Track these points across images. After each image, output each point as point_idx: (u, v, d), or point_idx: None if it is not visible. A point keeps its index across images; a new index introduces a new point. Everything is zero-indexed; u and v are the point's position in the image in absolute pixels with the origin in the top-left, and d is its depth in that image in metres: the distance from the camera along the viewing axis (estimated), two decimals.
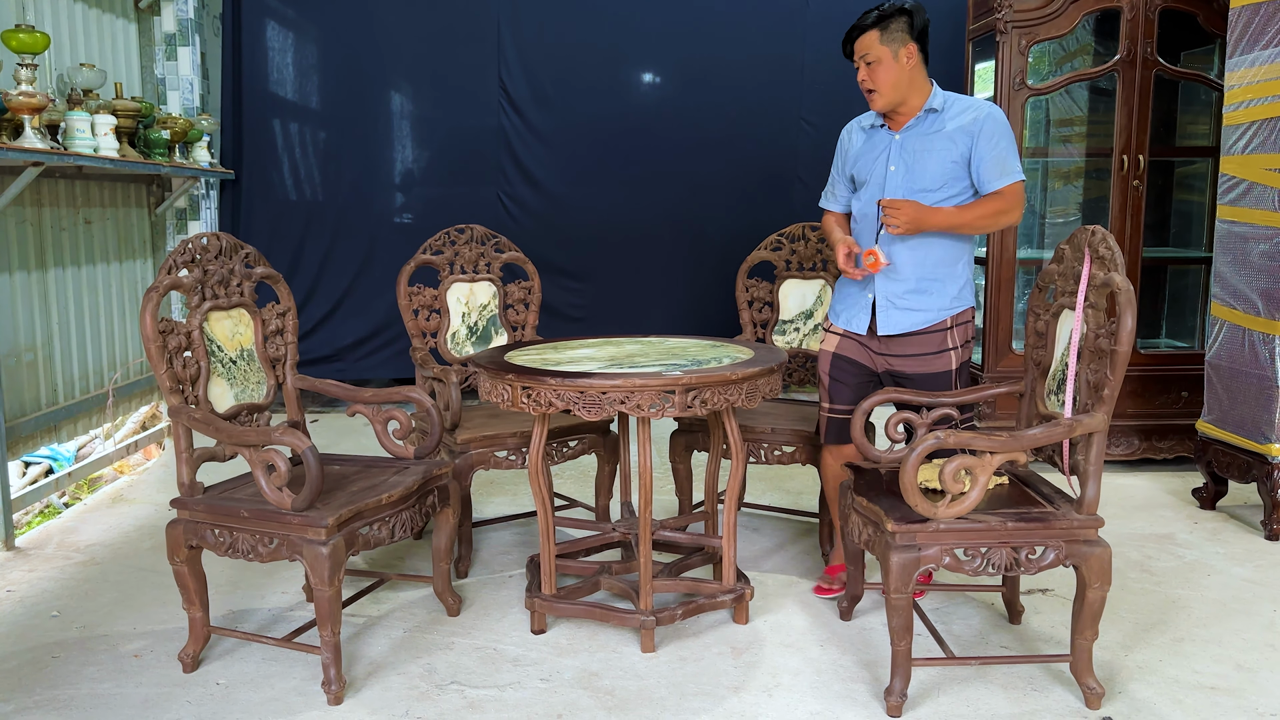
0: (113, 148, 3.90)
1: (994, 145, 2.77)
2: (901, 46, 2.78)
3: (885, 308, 2.86)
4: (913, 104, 2.84)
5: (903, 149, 2.84)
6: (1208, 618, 2.92)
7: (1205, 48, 4.55)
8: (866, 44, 2.79)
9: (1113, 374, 2.27)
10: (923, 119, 2.84)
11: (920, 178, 2.81)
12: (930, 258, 2.83)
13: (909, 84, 2.82)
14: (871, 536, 2.48)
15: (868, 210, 2.91)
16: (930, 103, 2.83)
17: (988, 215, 2.77)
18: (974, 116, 2.80)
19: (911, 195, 2.81)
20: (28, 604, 3.04)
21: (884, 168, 2.87)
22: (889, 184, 2.84)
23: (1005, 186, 2.78)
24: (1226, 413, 3.73)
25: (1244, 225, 3.63)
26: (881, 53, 2.78)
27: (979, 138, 2.78)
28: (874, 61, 2.79)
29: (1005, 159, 2.78)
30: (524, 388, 2.54)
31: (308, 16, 5.53)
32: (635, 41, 5.59)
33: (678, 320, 5.63)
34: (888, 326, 2.86)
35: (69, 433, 4.19)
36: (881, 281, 2.85)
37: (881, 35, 2.77)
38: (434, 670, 2.60)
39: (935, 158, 2.80)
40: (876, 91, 2.81)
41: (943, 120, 2.83)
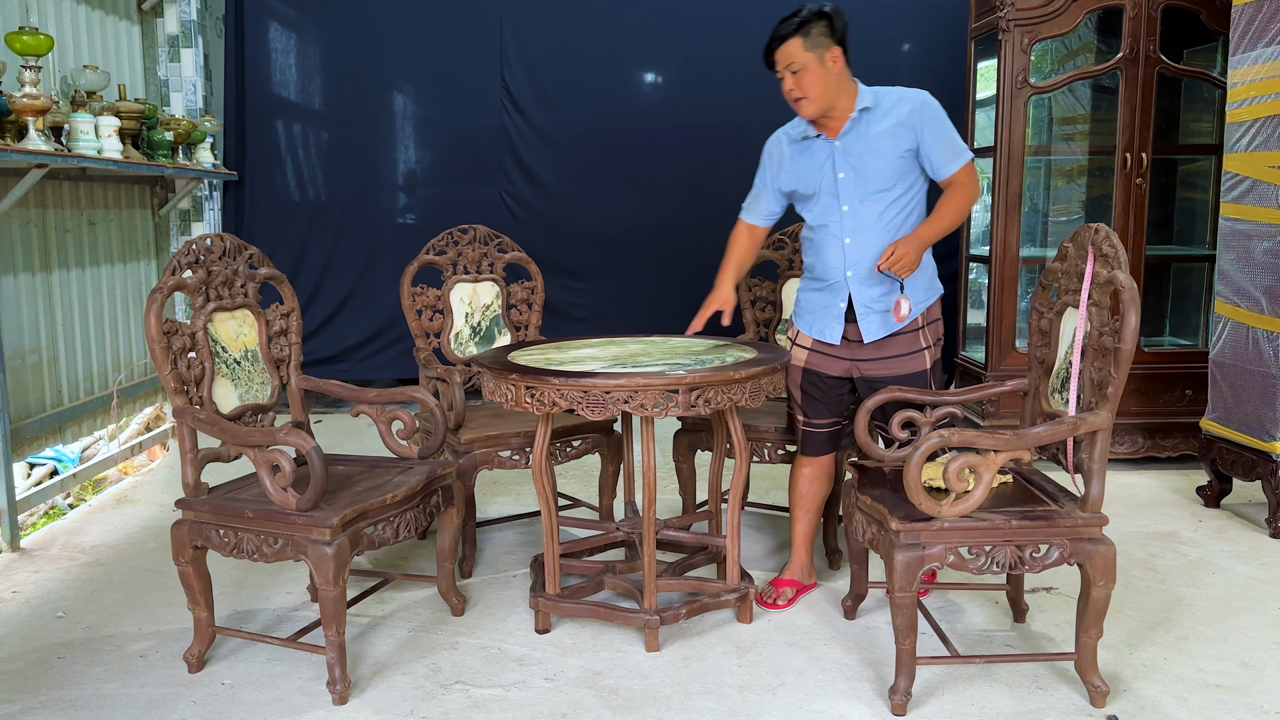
0: (116, 149, 3.91)
1: (939, 131, 2.77)
2: (826, 51, 2.72)
3: (865, 314, 2.84)
4: (843, 107, 2.79)
5: (847, 154, 2.80)
6: (1212, 615, 2.91)
7: (1208, 45, 4.55)
8: (790, 52, 2.72)
9: (1117, 372, 2.27)
10: (859, 120, 2.79)
11: (872, 179, 2.78)
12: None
13: (837, 88, 2.76)
14: (876, 535, 2.48)
15: (824, 221, 2.85)
16: (861, 102, 2.79)
17: (961, 208, 2.77)
18: (910, 108, 2.77)
19: (866, 198, 2.79)
20: (33, 605, 3.04)
21: (832, 176, 2.82)
22: (841, 191, 2.80)
23: (960, 169, 2.78)
24: (1231, 410, 3.72)
25: (1248, 223, 3.63)
26: (807, 59, 2.71)
27: (923, 128, 2.76)
28: (800, 69, 2.71)
29: (953, 141, 2.78)
30: (527, 387, 2.54)
31: (310, 18, 5.54)
32: (638, 40, 5.59)
33: (681, 319, 5.58)
34: (871, 333, 2.84)
35: (74, 434, 4.20)
36: (855, 289, 2.83)
37: (804, 42, 2.70)
38: (439, 670, 2.60)
39: (883, 156, 2.77)
40: (806, 99, 2.74)
41: (878, 117, 2.79)
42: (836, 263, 2.84)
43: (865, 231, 2.80)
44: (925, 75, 5.53)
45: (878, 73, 5.67)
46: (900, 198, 2.80)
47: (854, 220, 2.80)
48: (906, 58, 5.64)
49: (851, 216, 2.81)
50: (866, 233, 2.80)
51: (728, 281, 3.01)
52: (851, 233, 2.81)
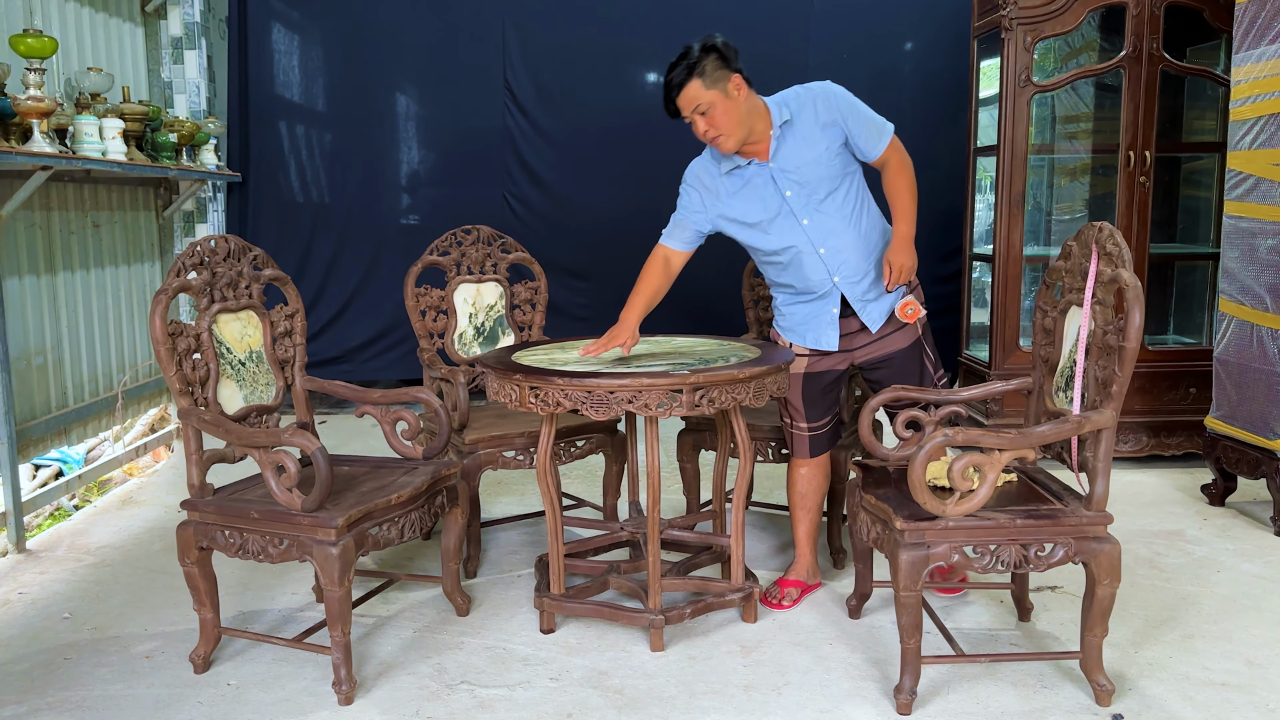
0: (120, 151, 3.92)
1: (858, 116, 2.76)
2: (727, 82, 2.67)
3: (862, 308, 2.84)
4: (761, 129, 2.75)
5: (785, 171, 2.77)
6: (1218, 614, 2.91)
7: (1211, 43, 4.54)
8: (692, 96, 2.66)
9: (1121, 370, 2.27)
10: (783, 136, 2.76)
11: (819, 186, 2.77)
12: (873, 240, 2.85)
13: (749, 113, 2.73)
14: (880, 534, 2.48)
15: (790, 242, 2.81)
16: (780, 117, 2.76)
17: (910, 186, 2.79)
18: (823, 104, 2.76)
19: (820, 205, 2.77)
20: (39, 606, 3.05)
21: (780, 198, 2.78)
22: (795, 208, 2.78)
23: (888, 146, 2.78)
24: (1235, 408, 3.72)
25: (1251, 220, 3.63)
26: (711, 97, 2.66)
27: (845, 119, 2.75)
28: (708, 109, 2.67)
29: (873, 120, 2.78)
30: (531, 388, 2.54)
31: (313, 19, 5.55)
32: (640, 41, 5.59)
33: (684, 319, 5.60)
34: (875, 321, 2.86)
35: (79, 435, 4.21)
36: (846, 288, 2.83)
37: (703, 81, 2.65)
38: (444, 670, 2.61)
39: (820, 162, 2.76)
40: (722, 135, 2.70)
41: (798, 127, 2.76)
42: (820, 275, 2.83)
43: (834, 235, 2.80)
44: (927, 74, 5.54)
45: (880, 72, 5.73)
46: (849, 189, 2.81)
47: (818, 229, 2.80)
48: (908, 56, 5.64)
49: (814, 227, 2.79)
50: (836, 235, 2.80)
51: (634, 317, 2.84)
52: (822, 241, 2.80)
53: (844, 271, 2.82)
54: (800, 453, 2.98)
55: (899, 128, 2.98)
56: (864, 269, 2.83)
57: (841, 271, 2.82)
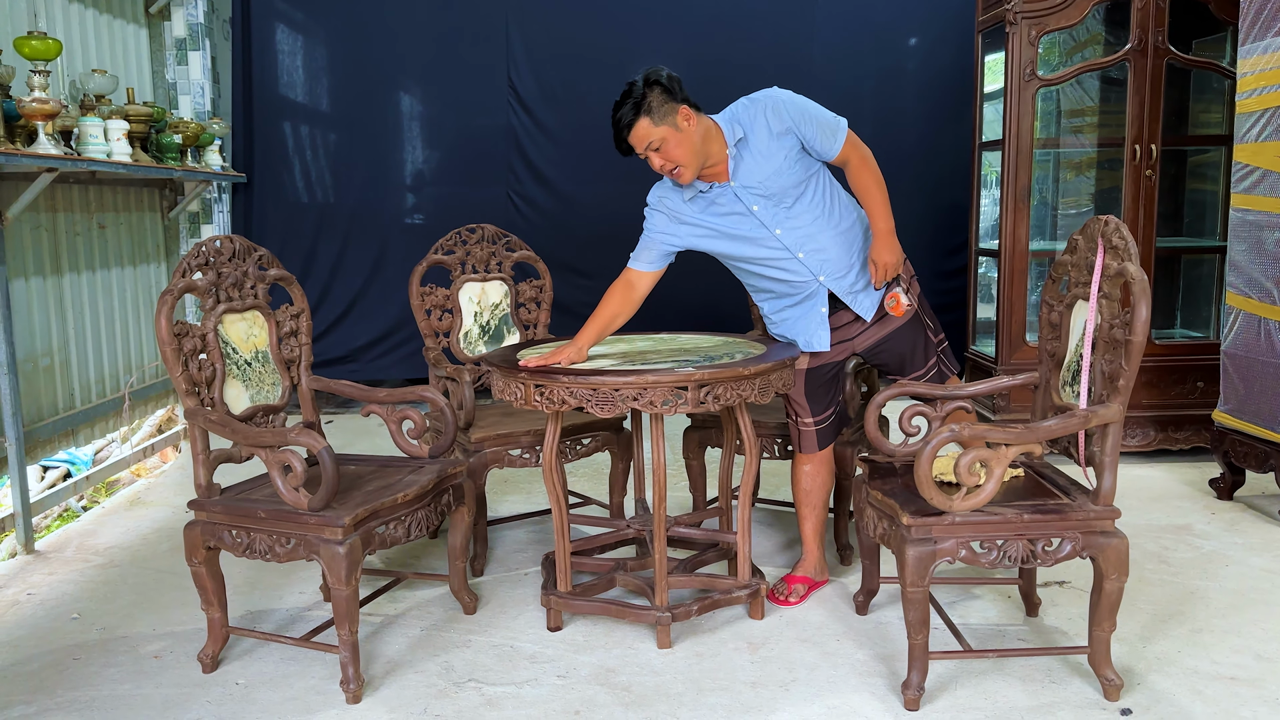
0: (125, 153, 3.93)
1: (810, 119, 2.74)
2: (675, 116, 2.66)
3: (853, 300, 2.85)
4: (717, 152, 2.73)
5: (749, 188, 2.76)
6: (1226, 608, 2.90)
7: (1217, 35, 4.52)
8: (643, 134, 2.66)
9: (1128, 364, 2.26)
10: (740, 155, 2.75)
11: (784, 195, 2.77)
12: (849, 232, 2.85)
13: (704, 140, 2.70)
14: (887, 530, 2.48)
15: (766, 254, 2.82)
16: (733, 136, 2.74)
17: (877, 179, 2.77)
18: (771, 113, 2.74)
19: (791, 217, 2.77)
20: (48, 606, 3.06)
21: (748, 214, 2.78)
22: (765, 220, 2.78)
23: (845, 143, 2.76)
24: (1243, 402, 3.71)
25: (1258, 213, 3.61)
26: (661, 133, 2.65)
27: (798, 125, 2.74)
28: (660, 144, 2.66)
29: (825, 121, 2.75)
30: (537, 386, 2.54)
31: (317, 19, 5.56)
32: (644, 40, 5.59)
33: (689, 317, 5.60)
34: (868, 310, 2.87)
35: (86, 437, 4.22)
36: (833, 284, 2.83)
37: (651, 119, 2.64)
38: (451, 668, 2.61)
39: (781, 172, 2.74)
40: (681, 168, 2.68)
41: (755, 143, 2.75)
42: (804, 276, 2.83)
43: (810, 238, 2.80)
44: (933, 69, 5.52)
45: (884, 68, 5.72)
46: (816, 190, 2.81)
47: (793, 236, 2.79)
48: (913, 52, 5.63)
49: (788, 234, 2.79)
50: (812, 237, 2.80)
51: (586, 341, 2.74)
52: (800, 246, 2.80)
53: (827, 270, 2.82)
54: (808, 448, 2.98)
55: (903, 123, 2.97)
56: (847, 263, 2.84)
57: (825, 270, 2.82)
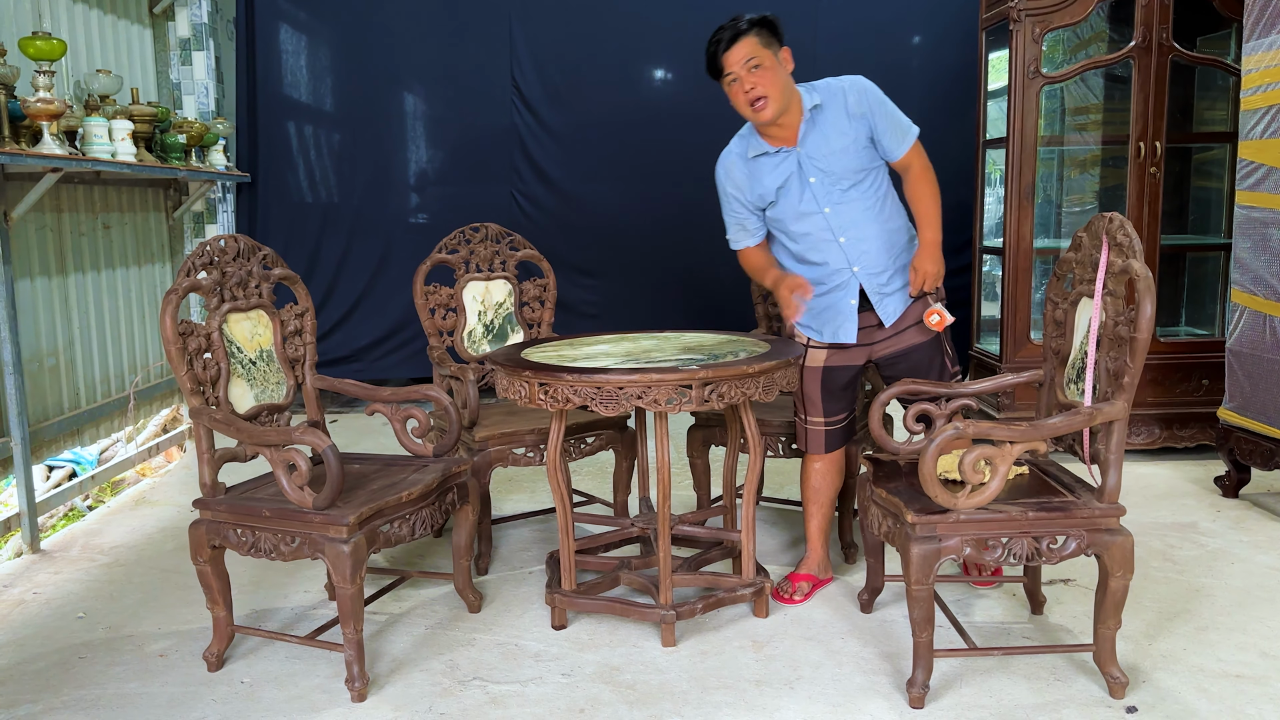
0: (130, 153, 3.93)
1: (886, 114, 2.77)
2: (778, 49, 2.71)
3: (879, 301, 2.84)
4: (795, 110, 2.76)
5: (812, 158, 2.77)
6: (1232, 606, 2.90)
7: (1222, 32, 4.51)
8: (747, 49, 2.68)
9: (1132, 361, 2.26)
10: (812, 121, 2.77)
11: (841, 177, 2.78)
12: (894, 233, 2.85)
13: (790, 89, 2.75)
14: (891, 528, 2.47)
15: (809, 229, 2.83)
16: (810, 101, 2.77)
17: (934, 193, 2.81)
18: (854, 97, 2.77)
19: (843, 194, 2.78)
20: (54, 606, 3.07)
21: (803, 183, 2.79)
22: (818, 195, 2.78)
23: (910, 148, 2.80)
24: (1248, 399, 3.70)
25: (1264, 210, 3.60)
26: (765, 55, 2.68)
27: (873, 115, 2.76)
28: (759, 65, 2.68)
29: (899, 120, 2.80)
30: (541, 384, 2.55)
31: (320, 19, 5.56)
32: (646, 38, 5.59)
33: (693, 315, 5.63)
34: (890, 316, 2.85)
35: (91, 436, 4.23)
36: (866, 279, 2.82)
37: (759, 39, 2.68)
38: (456, 666, 2.61)
39: (847, 153, 2.76)
40: (767, 98, 2.69)
41: (828, 114, 2.76)
42: (839, 263, 2.83)
43: (855, 224, 2.80)
44: (936, 67, 5.52)
45: (888, 66, 5.71)
46: (873, 182, 2.82)
47: (840, 218, 2.80)
48: (917, 50, 5.62)
49: (836, 215, 2.80)
50: (857, 225, 2.80)
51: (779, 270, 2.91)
52: (844, 230, 2.80)
53: (863, 262, 2.82)
54: (814, 448, 2.98)
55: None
56: (884, 263, 2.83)
57: (861, 262, 2.82)
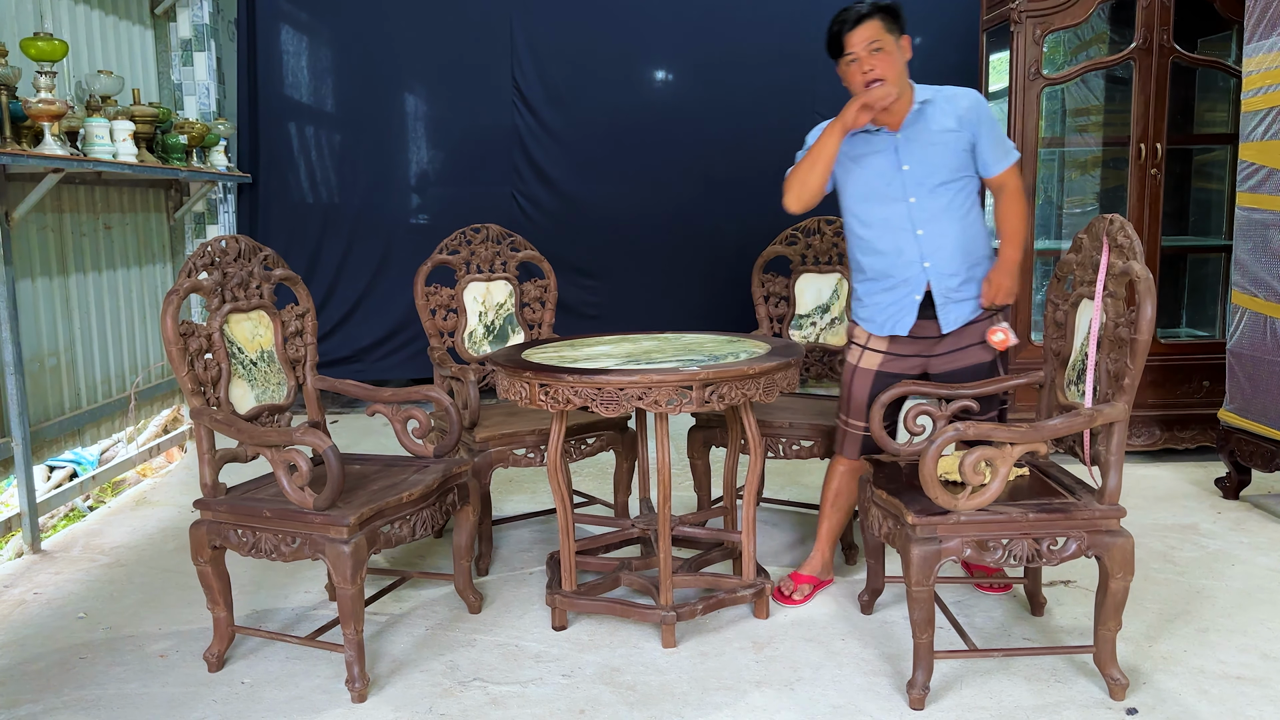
0: (131, 153, 3.94)
1: (991, 129, 2.80)
2: (900, 36, 2.76)
3: (944, 304, 2.81)
4: (905, 99, 2.78)
5: (909, 146, 2.79)
6: (1232, 607, 2.90)
7: (1223, 34, 4.51)
8: (871, 32, 2.70)
9: (1133, 363, 2.26)
10: (919, 113, 2.79)
11: (934, 171, 2.78)
12: (972, 243, 2.84)
13: (905, 77, 2.78)
14: (892, 529, 2.48)
15: (890, 215, 2.81)
16: (921, 95, 2.80)
17: (1023, 213, 2.84)
18: (966, 104, 2.79)
19: (932, 189, 2.78)
20: (55, 606, 3.07)
21: (896, 169, 2.80)
22: (907, 183, 2.79)
23: (1008, 168, 2.82)
24: (1249, 401, 3.70)
25: (1264, 212, 3.60)
26: (887, 40, 2.71)
27: (979, 126, 2.78)
28: (881, 49, 2.70)
29: (1002, 139, 2.83)
30: (541, 385, 2.55)
31: (321, 20, 5.57)
32: (648, 39, 5.60)
33: (694, 316, 5.62)
34: (950, 323, 2.82)
35: (92, 436, 4.23)
36: (935, 278, 2.79)
37: (883, 24, 2.71)
38: (456, 667, 2.61)
39: (947, 150, 2.77)
40: (883, 80, 2.72)
41: (937, 112, 2.79)
42: (911, 255, 2.81)
43: (936, 221, 2.79)
44: (937, 68, 5.50)
45: None
46: (963, 189, 2.82)
47: (923, 211, 2.79)
48: (918, 51, 5.52)
49: (920, 208, 2.79)
50: (938, 222, 2.79)
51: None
52: (924, 223, 2.79)
53: (937, 259, 2.80)
54: (849, 452, 2.96)
55: None
56: (956, 268, 2.81)
57: (935, 259, 2.80)
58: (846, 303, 3.57)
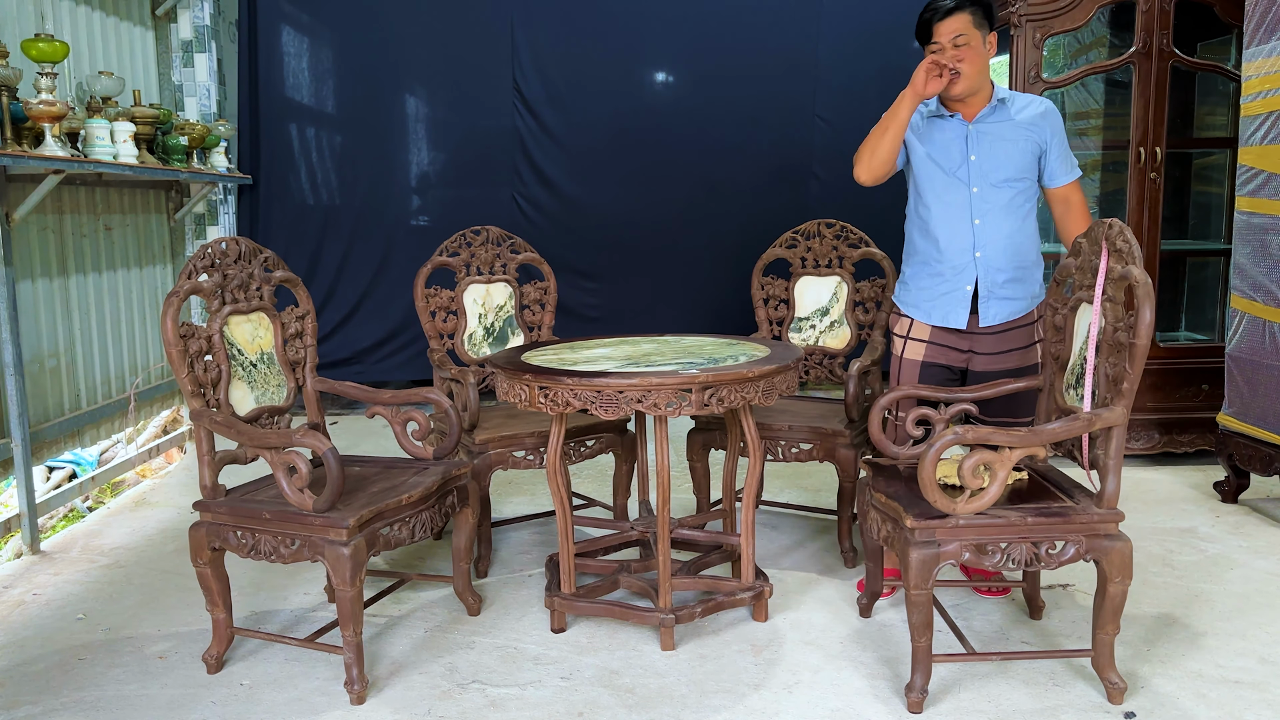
0: (132, 154, 3.94)
1: (1059, 142, 2.87)
2: (986, 33, 2.81)
3: (986, 298, 2.86)
4: (983, 93, 2.86)
5: (980, 138, 2.85)
6: (1230, 611, 2.90)
7: (1222, 38, 4.52)
8: (959, 24, 2.76)
9: (1131, 367, 2.26)
10: (994, 109, 2.86)
11: (1000, 167, 2.84)
12: (1025, 245, 2.87)
13: (986, 73, 2.85)
14: (891, 533, 2.48)
15: (950, 200, 2.87)
16: (999, 94, 2.86)
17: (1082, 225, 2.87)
18: (1042, 111, 2.86)
19: (996, 184, 2.83)
20: (54, 607, 3.07)
21: (963, 156, 2.86)
22: (972, 172, 2.84)
23: (1071, 182, 2.89)
24: (1247, 405, 3.70)
25: (1263, 216, 3.61)
26: (974, 35, 2.77)
27: (1051, 134, 2.85)
28: (965, 43, 2.77)
29: (1069, 154, 2.90)
30: (541, 387, 2.55)
31: (323, 21, 5.57)
32: (648, 41, 5.61)
33: (694, 319, 5.64)
34: (990, 317, 2.87)
35: (92, 437, 4.23)
36: (984, 270, 2.85)
37: (972, 18, 2.77)
38: (455, 669, 2.61)
39: (1016, 148, 2.83)
40: (963, 75, 2.78)
41: (1010, 112, 2.86)
42: (965, 243, 2.85)
43: (994, 215, 2.84)
44: None
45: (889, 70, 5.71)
46: (1023, 191, 2.86)
47: (983, 203, 2.84)
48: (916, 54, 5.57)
49: (981, 199, 2.84)
50: (996, 216, 2.84)
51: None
52: (982, 215, 2.84)
53: (988, 251, 2.84)
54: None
55: None
56: (1005, 263, 2.85)
57: (986, 250, 2.84)
58: (846, 304, 3.58)
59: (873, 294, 3.57)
